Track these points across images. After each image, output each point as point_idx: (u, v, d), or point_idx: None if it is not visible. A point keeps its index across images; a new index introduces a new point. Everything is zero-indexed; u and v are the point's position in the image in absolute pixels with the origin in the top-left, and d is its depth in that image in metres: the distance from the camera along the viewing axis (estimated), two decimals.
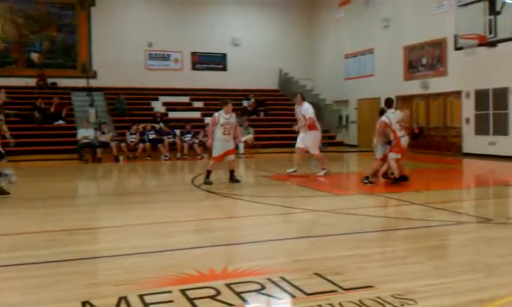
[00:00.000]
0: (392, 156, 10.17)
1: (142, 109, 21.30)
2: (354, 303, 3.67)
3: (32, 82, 21.49)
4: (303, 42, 26.29)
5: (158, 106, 21.77)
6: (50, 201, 9.09)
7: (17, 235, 6.28)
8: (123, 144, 17.65)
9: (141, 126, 18.42)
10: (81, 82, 22.52)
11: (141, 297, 3.84)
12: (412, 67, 20.55)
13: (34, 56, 22.57)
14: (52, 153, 17.17)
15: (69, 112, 19.96)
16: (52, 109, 19.21)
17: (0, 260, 5.01)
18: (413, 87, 20.31)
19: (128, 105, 20.90)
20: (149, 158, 17.50)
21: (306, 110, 12.05)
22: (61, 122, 19.21)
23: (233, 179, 10.63)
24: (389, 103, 10.70)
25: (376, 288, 3.97)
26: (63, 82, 22.26)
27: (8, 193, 9.18)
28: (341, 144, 22.29)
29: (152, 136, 18.18)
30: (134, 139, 17.91)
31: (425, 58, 19.86)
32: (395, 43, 21.12)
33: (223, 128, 10.45)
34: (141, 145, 17.77)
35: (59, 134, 18.48)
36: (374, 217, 7.42)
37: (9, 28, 22.35)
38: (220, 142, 10.47)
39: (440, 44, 19.08)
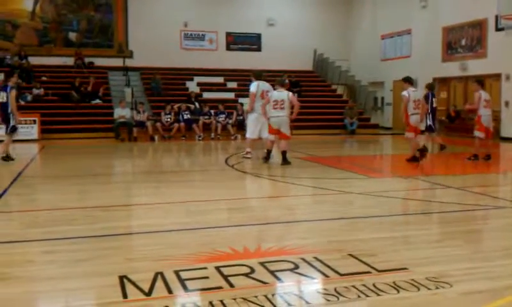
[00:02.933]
0: (406, 135, 10.91)
1: (177, 89, 21.46)
2: (388, 285, 3.66)
3: (70, 61, 21.87)
4: (339, 22, 25.93)
5: (193, 86, 21.89)
6: (87, 178, 9.30)
7: (57, 210, 6.46)
8: (158, 124, 17.85)
9: (176, 106, 18.58)
10: (118, 62, 22.78)
11: (176, 273, 3.92)
12: (451, 48, 20.08)
13: (72, 35, 22.93)
14: (89, 132, 17.51)
15: (106, 92, 20.26)
16: (90, 89, 19.52)
17: (41, 234, 5.18)
18: (452, 69, 19.88)
19: (164, 85, 21.07)
20: (183, 138, 17.66)
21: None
22: (98, 101, 19.52)
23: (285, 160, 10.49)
24: (410, 80, 11.18)
25: (411, 271, 3.96)
26: (100, 62, 22.58)
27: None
28: (376, 126, 22.01)
29: (186, 116, 18.32)
30: (169, 119, 18.08)
31: (464, 39, 19.38)
32: (433, 24, 20.65)
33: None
34: (175, 125, 17.93)
35: (96, 113, 18.80)
36: (409, 200, 7.36)
37: (48, 8, 22.71)
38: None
39: (480, 25, 18.57)
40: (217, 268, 4.04)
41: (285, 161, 10.36)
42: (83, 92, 19.26)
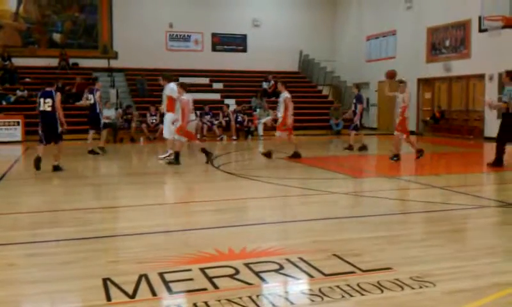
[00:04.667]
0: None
1: (162, 90, 21.31)
2: (373, 284, 3.68)
3: (54, 62, 21.68)
4: (324, 23, 26.04)
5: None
6: (72, 180, 9.21)
7: (40, 213, 6.40)
8: (143, 125, 17.75)
9: (161, 107, 18.46)
10: (103, 63, 22.65)
11: (161, 274, 3.91)
12: (435, 49, 20.25)
13: (56, 36, 22.73)
14: (74, 133, 17.33)
15: None
16: (74, 90, 19.36)
17: (24, 237, 5.14)
18: (436, 70, 20.04)
19: (149, 86, 20.97)
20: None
21: (171, 90, 11.72)
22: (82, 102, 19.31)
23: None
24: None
25: (395, 270, 3.98)
26: (85, 63, 22.41)
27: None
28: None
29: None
30: (154, 121, 18.00)
31: (448, 40, 19.55)
32: (418, 25, 20.81)
33: None
34: (161, 126, 17.82)
35: (81, 115, 18.61)
36: (393, 200, 7.40)
37: (32, 8, 22.50)
38: None
39: (463, 25, 18.75)
40: (202, 269, 4.03)
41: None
42: (67, 93, 19.08)
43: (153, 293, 3.58)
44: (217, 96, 21.86)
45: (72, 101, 19.07)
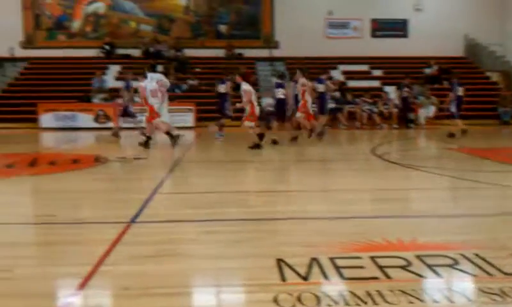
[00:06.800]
0: None
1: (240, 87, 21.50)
2: None
3: (220, 53, 22.93)
4: (492, 4, 24.08)
5: (337, 75, 21.79)
6: (239, 164, 9.73)
7: (213, 193, 6.86)
8: None
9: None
10: (265, 52, 23.43)
11: (331, 259, 3.97)
12: None
13: (222, 28, 23.99)
14: (238, 120, 18.20)
15: (254, 82, 20.93)
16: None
17: (203, 215, 5.54)
18: None
19: (309, 74, 21.18)
20: (328, 127, 17.64)
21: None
22: None
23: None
24: None
25: None
26: (248, 53, 23.37)
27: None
28: None
29: (331, 105, 18.25)
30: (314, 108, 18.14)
31: None
32: None
33: None
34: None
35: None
36: None
37: (200, 2, 23.98)
38: None
39: None
40: (372, 258, 4.02)
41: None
42: (233, 82, 20.06)
43: (326, 277, 3.67)
44: (376, 84, 21.43)
45: (237, 90, 20.03)
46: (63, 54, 22.49)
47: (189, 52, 22.66)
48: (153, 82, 11.76)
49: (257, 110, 11.94)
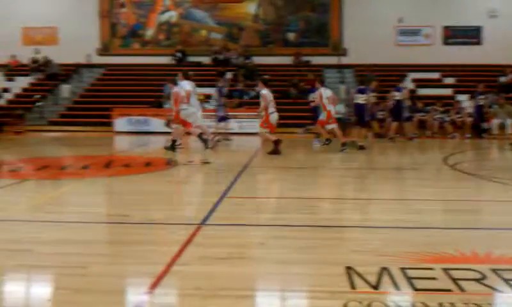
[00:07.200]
0: None
1: (391, 86, 21.11)
2: None
3: (288, 60, 23.01)
4: None
5: (407, 82, 21.33)
6: (308, 170, 9.72)
7: (283, 198, 6.90)
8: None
9: (390, 102, 18.27)
10: (333, 60, 23.30)
11: (402, 270, 3.89)
12: None
13: (291, 35, 24.09)
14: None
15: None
16: (307, 85, 20.29)
17: (271, 220, 5.59)
18: None
19: (378, 82, 20.88)
20: (397, 135, 17.30)
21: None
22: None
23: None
24: None
25: None
26: (316, 60, 23.32)
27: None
28: None
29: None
30: (382, 115, 17.86)
31: None
32: None
33: None
34: (389, 121, 17.64)
35: (304, 109, 19.47)
36: None
37: (269, 10, 24.19)
38: None
39: None
40: (445, 270, 3.90)
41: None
42: (301, 89, 20.13)
43: (397, 287, 3.60)
44: (448, 92, 20.81)
45: (305, 96, 20.05)
46: (136, 61, 23.30)
47: (258, 60, 22.88)
48: (184, 89, 12.19)
49: (273, 117, 12.18)
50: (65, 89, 21.94)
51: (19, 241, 4.80)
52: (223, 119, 14.80)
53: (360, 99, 13.49)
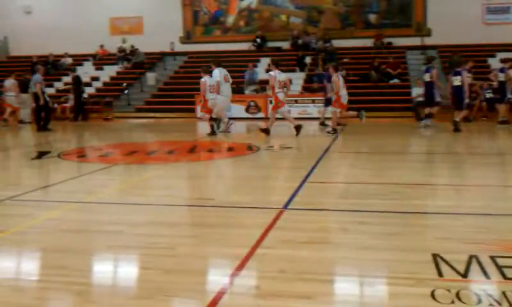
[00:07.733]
0: None
1: (477, 67, 20.14)
2: None
3: (369, 42, 22.52)
4: None
5: (495, 63, 20.26)
6: (388, 155, 9.53)
7: (365, 184, 6.82)
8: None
9: (478, 83, 17.47)
10: (416, 41, 22.55)
11: (492, 258, 3.77)
12: None
13: (372, 17, 23.53)
14: (387, 111, 17.81)
15: (404, 71, 20.29)
16: (389, 69, 19.82)
17: (353, 206, 5.55)
18: None
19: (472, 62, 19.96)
20: (484, 119, 16.53)
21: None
22: (396, 81, 19.69)
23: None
24: None
25: None
26: (398, 42, 22.66)
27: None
28: None
29: (489, 95, 17.06)
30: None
31: None
32: None
33: None
34: (476, 103, 16.87)
35: (394, 93, 19.02)
36: None
37: None
38: None
39: None
40: None
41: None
42: (382, 72, 19.67)
43: (486, 276, 3.49)
44: None
45: (387, 80, 19.60)
46: (217, 48, 23.68)
47: (337, 43, 22.55)
48: (214, 79, 12.86)
49: (344, 98, 12.74)
50: (150, 77, 22.67)
51: (111, 223, 5.08)
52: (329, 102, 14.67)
53: (456, 81, 13.30)
